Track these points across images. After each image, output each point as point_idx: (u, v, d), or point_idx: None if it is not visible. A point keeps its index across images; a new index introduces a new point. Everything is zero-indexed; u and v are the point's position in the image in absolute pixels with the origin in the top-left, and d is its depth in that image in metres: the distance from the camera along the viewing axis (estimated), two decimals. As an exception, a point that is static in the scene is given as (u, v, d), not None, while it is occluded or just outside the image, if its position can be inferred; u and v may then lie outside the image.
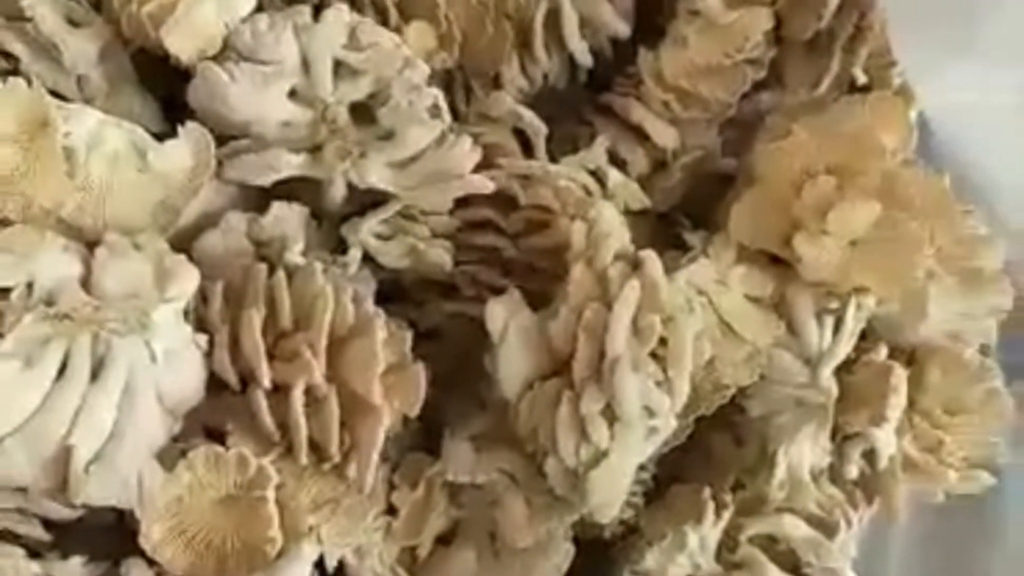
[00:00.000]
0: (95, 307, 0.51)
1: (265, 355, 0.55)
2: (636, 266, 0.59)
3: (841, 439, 0.68)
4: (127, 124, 0.55)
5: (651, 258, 0.59)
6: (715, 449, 0.68)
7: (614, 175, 0.67)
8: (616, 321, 0.56)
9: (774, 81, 0.72)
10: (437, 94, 0.60)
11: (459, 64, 0.67)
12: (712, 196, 0.71)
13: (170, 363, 0.53)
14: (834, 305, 0.65)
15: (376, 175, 0.60)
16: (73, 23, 0.59)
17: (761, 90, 0.72)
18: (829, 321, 0.65)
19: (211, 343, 0.55)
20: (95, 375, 0.51)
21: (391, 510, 0.62)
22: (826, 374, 0.64)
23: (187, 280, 0.53)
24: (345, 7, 0.60)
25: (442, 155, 0.60)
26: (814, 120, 0.66)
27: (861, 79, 0.71)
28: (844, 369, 0.65)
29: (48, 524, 0.54)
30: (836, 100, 0.70)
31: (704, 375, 0.62)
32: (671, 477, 0.67)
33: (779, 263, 0.65)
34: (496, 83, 0.69)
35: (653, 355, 0.58)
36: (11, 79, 0.53)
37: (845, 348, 0.64)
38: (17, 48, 0.57)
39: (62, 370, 0.50)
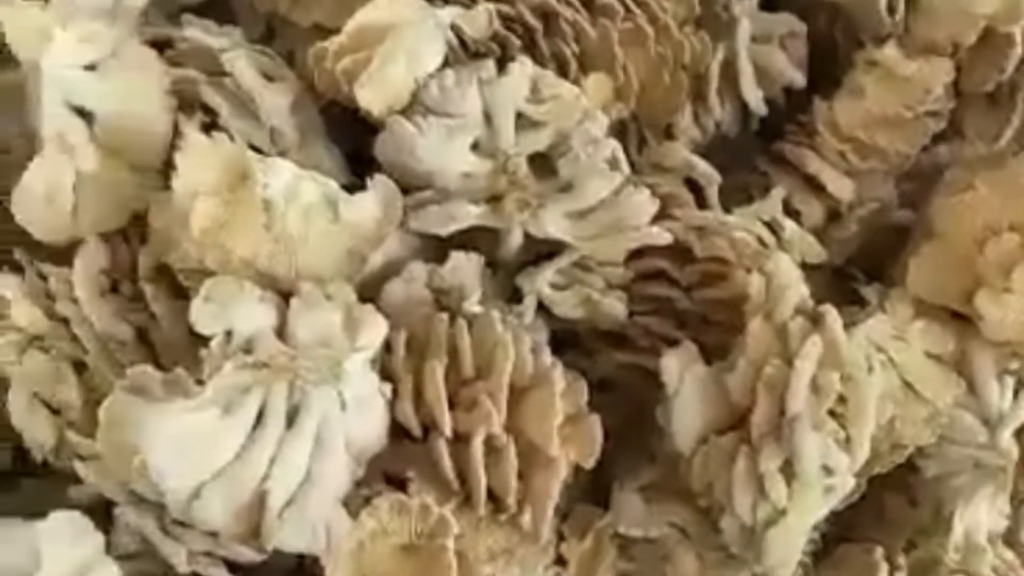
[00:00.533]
0: (291, 356, 0.52)
1: (447, 404, 0.56)
2: (815, 320, 0.58)
3: (1019, 503, 0.66)
4: (320, 177, 0.57)
5: (831, 313, 0.58)
6: (888, 508, 0.66)
7: (790, 226, 0.67)
8: (797, 378, 0.56)
9: (953, 133, 0.71)
10: (616, 146, 0.61)
11: (633, 114, 0.67)
12: (887, 248, 0.70)
13: (358, 411, 0.54)
14: (1015, 365, 0.63)
15: (554, 225, 0.61)
16: (267, 77, 0.61)
17: (939, 142, 0.71)
18: (1010, 382, 0.63)
19: (394, 391, 0.56)
20: (289, 422, 0.52)
21: (560, 561, 0.62)
22: (1006, 436, 0.63)
23: (376, 330, 0.54)
24: (528, 61, 0.60)
25: (620, 206, 0.60)
26: (995, 174, 0.65)
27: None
28: (1024, 432, 0.63)
29: (232, 567, 0.56)
30: (1016, 154, 0.69)
31: (883, 434, 0.61)
32: (841, 535, 0.66)
33: (959, 319, 0.64)
34: (669, 133, 0.69)
35: (831, 412, 0.57)
36: (216, 134, 0.55)
37: (1027, 410, 0.63)
38: (216, 102, 0.59)
39: (258, 418, 0.52)
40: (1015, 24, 0.68)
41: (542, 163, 0.61)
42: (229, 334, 0.54)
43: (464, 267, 0.61)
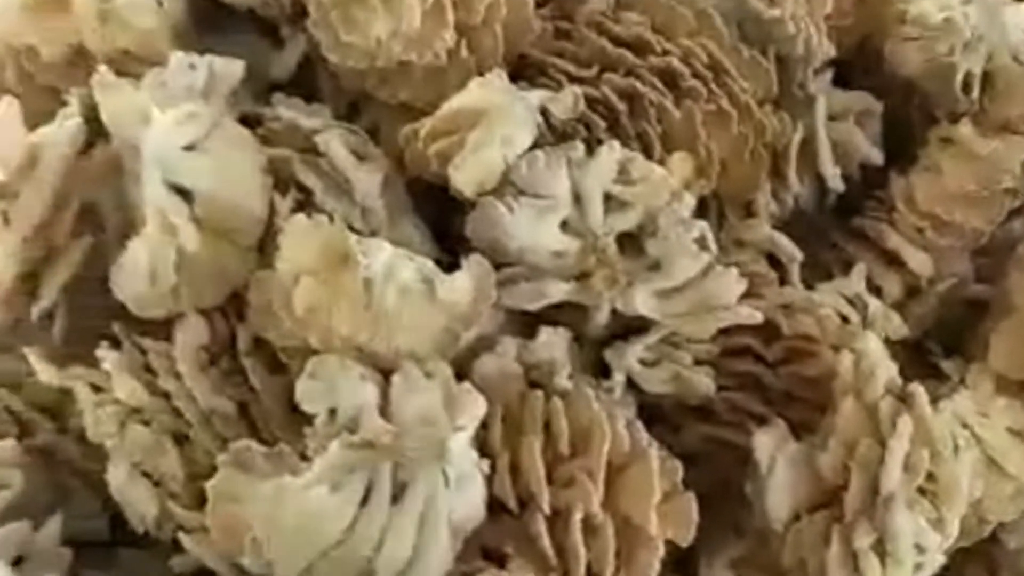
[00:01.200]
0: (395, 435, 0.53)
1: (545, 480, 0.56)
2: (904, 399, 0.59)
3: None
4: (417, 256, 0.58)
5: (920, 393, 0.59)
6: (969, 580, 0.67)
7: (873, 303, 0.67)
8: (892, 458, 0.56)
9: (1030, 209, 0.72)
10: (704, 226, 0.62)
11: (714, 191, 0.68)
12: (963, 323, 0.71)
13: (460, 487, 0.54)
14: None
15: (643, 303, 0.61)
16: (356, 156, 0.63)
17: (1014, 217, 0.71)
18: (1094, 456, 0.64)
19: (492, 466, 0.57)
20: (395, 500, 0.53)
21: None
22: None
23: (476, 408, 0.55)
24: (617, 144, 0.62)
25: (708, 286, 0.61)
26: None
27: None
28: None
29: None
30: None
31: (970, 511, 0.61)
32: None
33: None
34: (749, 209, 0.70)
35: (920, 490, 0.58)
36: (316, 215, 0.56)
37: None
38: (311, 181, 0.60)
39: (364, 496, 0.52)
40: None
41: (631, 242, 0.62)
42: (333, 412, 0.54)
43: (554, 342, 0.62)
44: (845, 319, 0.66)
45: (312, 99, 0.67)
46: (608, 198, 0.61)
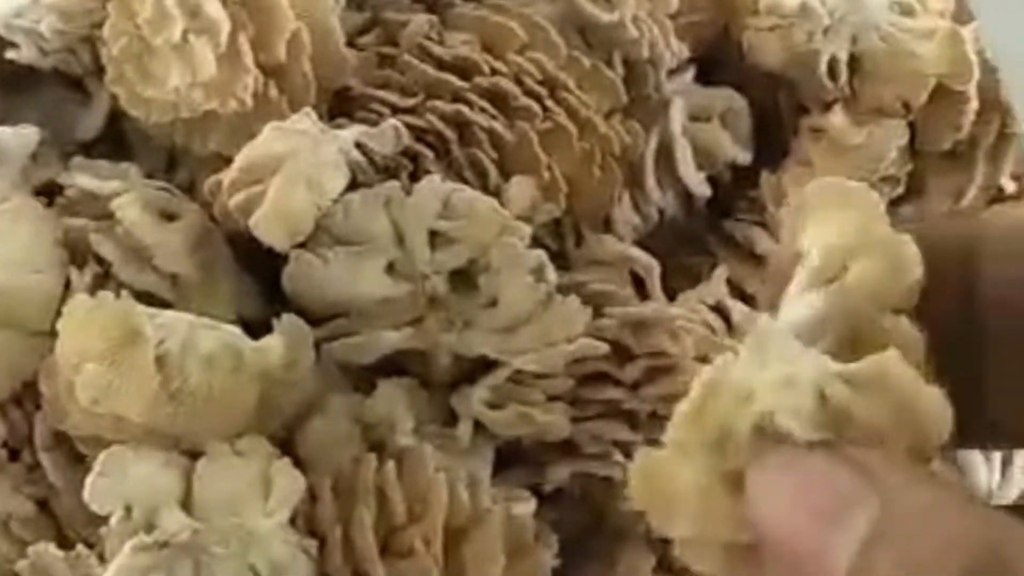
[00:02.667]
0: (195, 531, 0.48)
1: (378, 555, 0.52)
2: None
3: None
4: (221, 325, 0.53)
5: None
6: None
7: (738, 308, 0.62)
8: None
9: (914, 194, 0.67)
10: (540, 255, 0.57)
11: (568, 210, 0.64)
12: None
13: (276, 576, 0.50)
14: None
15: (481, 343, 0.57)
16: (166, 215, 0.58)
17: (900, 203, 0.67)
18: None
19: (323, 543, 0.52)
20: (198, 602, 0.48)
21: None
22: None
23: (291, 488, 0.50)
24: (437, 177, 0.57)
25: (549, 318, 0.57)
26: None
27: (1010, 187, 0.66)
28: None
29: None
30: (982, 211, 0.65)
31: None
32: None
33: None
34: (607, 225, 0.65)
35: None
36: (100, 293, 0.52)
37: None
38: (107, 251, 0.56)
39: (165, 599, 0.48)
40: (966, 81, 0.64)
41: (463, 279, 0.57)
42: (130, 508, 0.50)
43: (394, 395, 0.58)
44: (712, 328, 0.61)
45: (128, 155, 0.63)
46: (434, 235, 0.57)
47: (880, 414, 0.25)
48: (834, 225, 0.28)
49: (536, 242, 0.63)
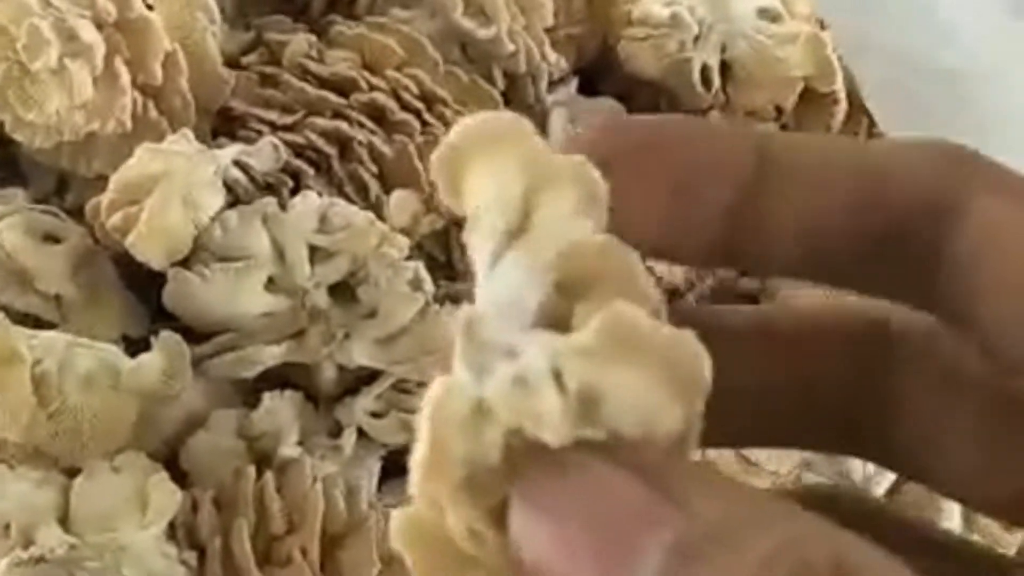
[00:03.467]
0: (71, 546, 0.49)
1: (256, 565, 0.53)
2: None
3: None
4: (98, 344, 0.54)
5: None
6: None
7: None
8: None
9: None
10: (418, 267, 0.59)
11: (454, 221, 0.65)
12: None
13: (153, 590, 0.51)
14: None
15: (362, 354, 0.58)
16: (52, 238, 0.59)
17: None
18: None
19: (203, 555, 0.53)
20: (74, 617, 0.49)
21: None
22: None
23: (167, 502, 0.51)
24: (313, 193, 0.58)
25: (427, 328, 0.58)
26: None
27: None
28: None
29: None
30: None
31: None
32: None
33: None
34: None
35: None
36: (-27, 316, 0.53)
37: None
38: (-11, 274, 0.57)
39: (39, 615, 0.49)
40: (832, 83, 0.67)
41: (343, 292, 0.59)
42: (8, 526, 0.51)
43: (278, 409, 0.59)
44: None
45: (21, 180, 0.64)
46: (313, 250, 0.58)
47: (634, 380, 0.20)
48: (497, 169, 0.22)
49: (422, 253, 0.65)
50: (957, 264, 0.23)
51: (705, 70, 0.68)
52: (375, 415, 0.60)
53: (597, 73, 0.73)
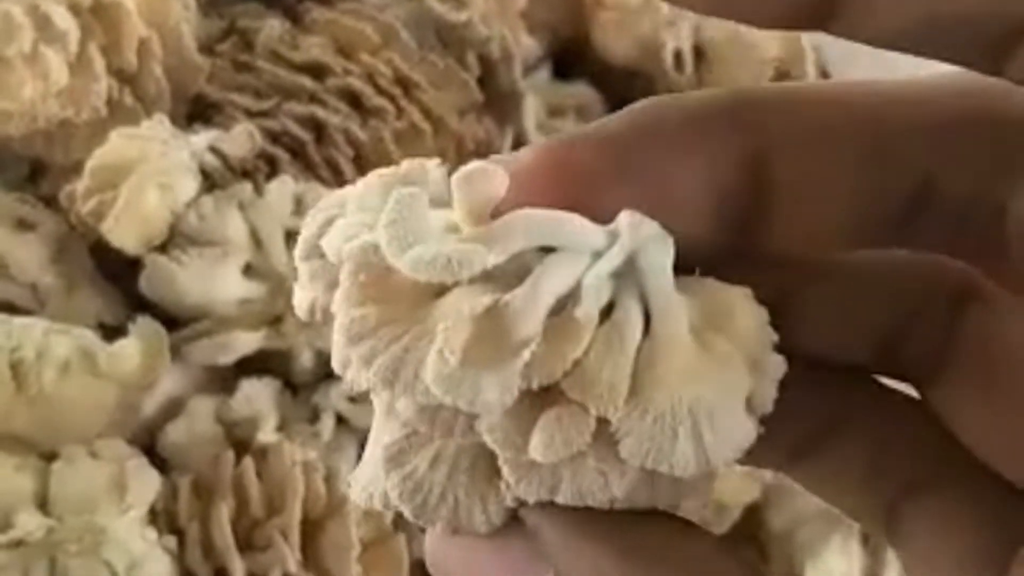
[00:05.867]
0: (49, 529, 0.49)
1: (236, 548, 0.53)
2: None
3: (874, 546, 0.64)
4: (75, 329, 0.54)
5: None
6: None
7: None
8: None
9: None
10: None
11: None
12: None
13: (134, 574, 0.51)
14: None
15: (340, 340, 0.58)
16: (27, 225, 0.59)
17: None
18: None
19: (182, 541, 0.54)
20: (54, 601, 0.49)
21: None
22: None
23: (145, 487, 0.52)
24: (289, 178, 0.59)
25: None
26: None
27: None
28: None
29: None
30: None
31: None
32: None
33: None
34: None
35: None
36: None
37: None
38: (-37, 264, 0.56)
39: (19, 600, 0.49)
40: (802, 65, 0.67)
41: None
42: (-14, 512, 0.51)
43: (257, 394, 0.59)
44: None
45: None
46: (290, 235, 0.58)
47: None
48: None
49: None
50: None
51: (677, 53, 0.68)
52: (352, 400, 0.60)
53: (571, 58, 0.73)
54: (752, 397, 0.21)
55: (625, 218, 0.21)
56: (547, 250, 0.21)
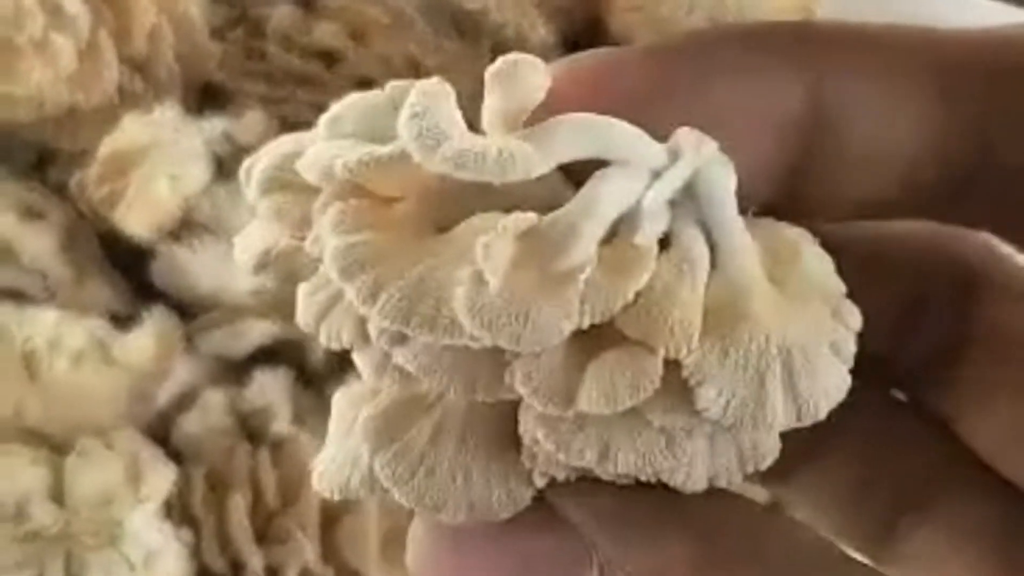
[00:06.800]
0: (66, 522, 0.48)
1: (254, 540, 0.52)
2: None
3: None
4: (88, 319, 0.53)
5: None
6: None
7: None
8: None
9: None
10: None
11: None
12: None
13: (150, 567, 0.50)
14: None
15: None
16: (36, 214, 0.58)
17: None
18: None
19: (198, 533, 0.53)
20: (69, 593, 0.48)
21: None
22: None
23: (161, 479, 0.51)
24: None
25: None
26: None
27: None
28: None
29: None
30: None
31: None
32: None
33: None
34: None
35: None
36: (-40, 292, 0.52)
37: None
38: (-27, 251, 0.55)
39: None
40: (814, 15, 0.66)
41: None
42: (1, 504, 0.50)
43: (270, 386, 0.58)
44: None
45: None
46: (304, 223, 0.57)
47: None
48: None
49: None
50: None
51: (695, 40, 0.67)
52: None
53: (587, 44, 0.72)
54: (834, 346, 0.18)
55: (685, 135, 0.18)
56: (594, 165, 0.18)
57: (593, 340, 0.17)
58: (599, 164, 0.18)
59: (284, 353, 0.59)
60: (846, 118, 0.19)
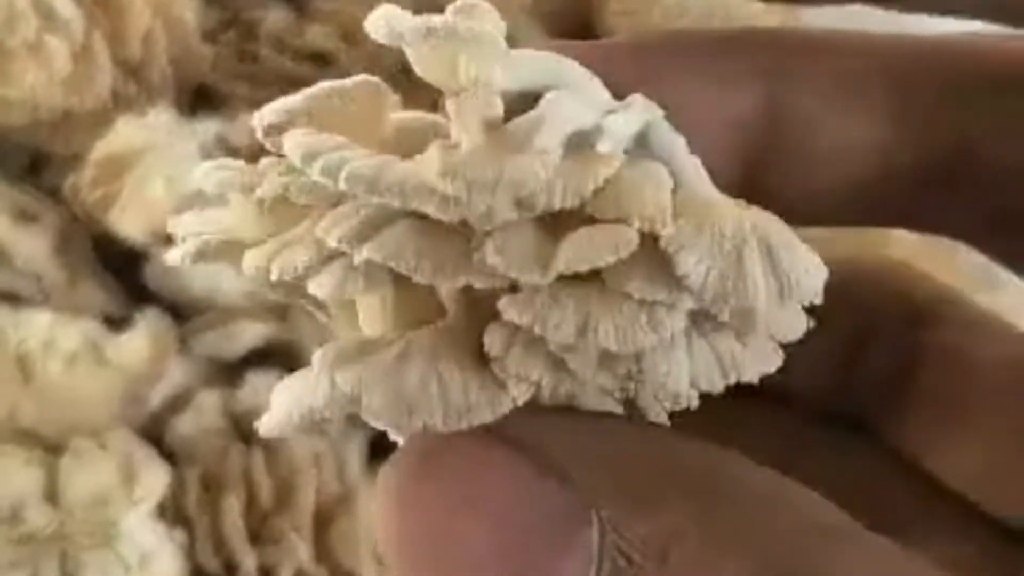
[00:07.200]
0: (60, 523, 0.49)
1: (248, 541, 0.52)
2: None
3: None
4: (82, 321, 0.54)
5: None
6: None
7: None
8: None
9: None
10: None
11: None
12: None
13: (145, 568, 0.50)
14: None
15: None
16: (29, 217, 0.58)
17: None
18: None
19: (192, 534, 0.53)
20: (66, 595, 0.49)
21: None
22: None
23: (155, 480, 0.51)
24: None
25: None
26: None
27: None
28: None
29: None
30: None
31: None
32: None
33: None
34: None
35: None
36: (-46, 294, 0.52)
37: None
38: (-33, 255, 0.56)
39: (30, 594, 0.48)
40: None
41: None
42: (-7, 506, 0.50)
43: (263, 387, 0.58)
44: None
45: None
46: (298, 225, 0.58)
47: None
48: None
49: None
50: None
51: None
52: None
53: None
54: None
55: (636, 97, 0.18)
56: None
57: (563, 226, 0.17)
58: None
59: (277, 355, 0.59)
60: (802, 120, 0.20)
